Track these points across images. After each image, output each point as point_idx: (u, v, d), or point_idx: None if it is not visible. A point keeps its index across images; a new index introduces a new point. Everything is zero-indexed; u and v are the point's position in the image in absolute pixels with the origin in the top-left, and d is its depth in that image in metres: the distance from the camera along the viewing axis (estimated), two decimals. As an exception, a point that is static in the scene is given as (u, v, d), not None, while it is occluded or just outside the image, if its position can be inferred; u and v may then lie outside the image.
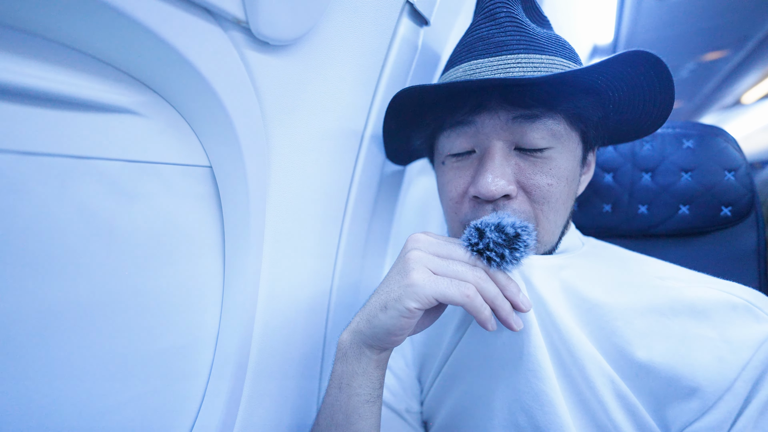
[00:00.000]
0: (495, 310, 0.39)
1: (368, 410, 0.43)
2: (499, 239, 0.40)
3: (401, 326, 0.39)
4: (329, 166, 0.54)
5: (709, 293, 0.43)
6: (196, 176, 0.41)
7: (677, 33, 2.46)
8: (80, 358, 0.34)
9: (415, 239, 0.43)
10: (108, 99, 0.33)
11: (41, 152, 0.30)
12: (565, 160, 0.46)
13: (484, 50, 0.46)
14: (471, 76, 0.45)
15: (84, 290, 0.34)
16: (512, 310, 0.40)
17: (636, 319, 0.44)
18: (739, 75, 3.23)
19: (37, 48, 0.29)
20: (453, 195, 0.50)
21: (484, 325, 0.38)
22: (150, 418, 0.40)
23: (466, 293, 0.37)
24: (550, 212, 0.47)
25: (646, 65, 0.41)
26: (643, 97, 0.46)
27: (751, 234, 0.70)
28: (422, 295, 0.37)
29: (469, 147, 0.48)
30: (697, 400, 0.39)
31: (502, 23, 0.46)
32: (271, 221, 0.46)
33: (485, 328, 0.39)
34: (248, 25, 0.36)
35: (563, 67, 0.44)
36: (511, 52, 0.44)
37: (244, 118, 0.39)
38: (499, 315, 0.39)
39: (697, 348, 0.40)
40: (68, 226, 0.32)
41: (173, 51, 0.32)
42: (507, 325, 0.39)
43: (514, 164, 0.46)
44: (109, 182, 0.34)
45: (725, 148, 0.69)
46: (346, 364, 0.43)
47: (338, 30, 0.46)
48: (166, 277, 0.40)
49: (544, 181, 0.45)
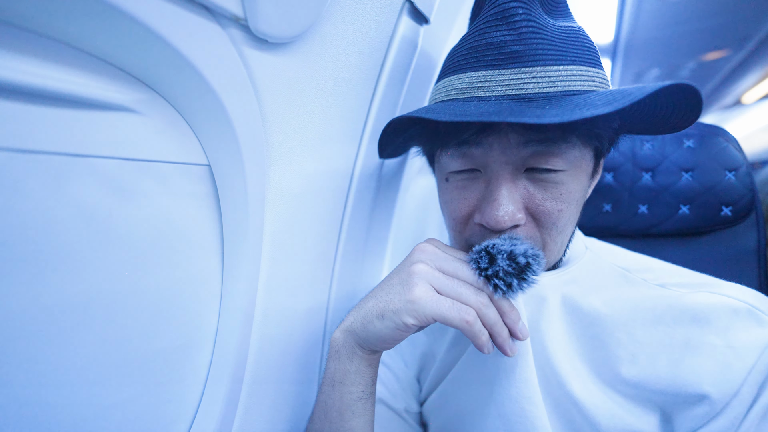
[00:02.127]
0: (492, 335, 0.39)
1: (361, 407, 0.43)
2: (509, 268, 0.38)
3: (395, 337, 0.39)
4: (328, 164, 0.53)
5: (710, 299, 0.42)
6: (195, 175, 0.41)
7: (678, 33, 2.45)
8: (77, 357, 0.34)
9: (421, 250, 0.42)
10: (106, 97, 0.33)
11: (38, 150, 0.30)
12: (577, 182, 0.43)
13: (495, 61, 0.40)
14: (479, 90, 0.41)
15: (81, 289, 0.34)
16: (509, 336, 0.40)
17: (637, 329, 0.44)
18: (740, 75, 3.23)
19: (35, 45, 0.29)
20: (457, 215, 0.46)
21: (480, 349, 0.38)
22: (147, 418, 0.40)
23: (466, 319, 0.37)
24: (557, 235, 0.44)
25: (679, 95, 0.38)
26: (665, 115, 0.43)
27: (751, 234, 0.70)
28: (422, 314, 0.37)
29: (475, 168, 0.44)
30: (705, 406, 0.38)
31: (518, 27, 0.39)
32: (269, 220, 0.46)
33: (481, 352, 0.39)
34: (247, 23, 0.36)
35: (582, 81, 0.40)
36: (526, 64, 0.39)
37: (243, 116, 0.39)
38: (495, 341, 0.39)
39: (701, 355, 0.40)
40: (65, 224, 0.32)
41: (171, 49, 0.31)
42: (502, 351, 0.40)
43: (522, 188, 0.42)
44: (107, 180, 0.34)
45: (726, 147, 0.69)
46: (338, 362, 0.43)
47: (338, 28, 0.46)
48: (164, 276, 0.40)
49: (555, 208, 0.42)
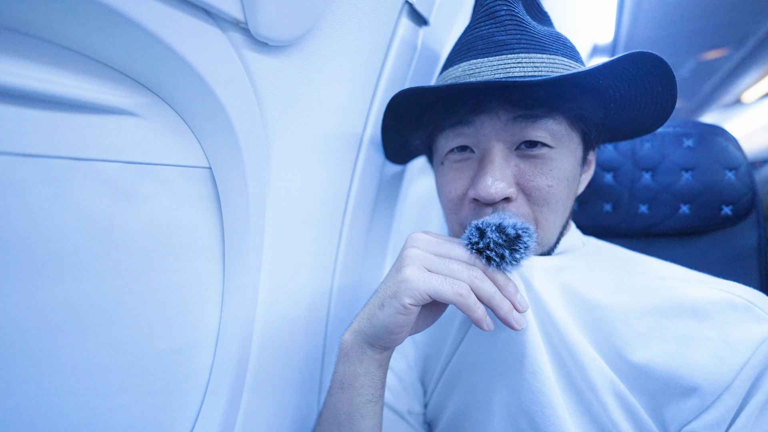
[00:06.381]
0: (493, 309, 0.39)
1: (370, 410, 0.43)
2: (500, 240, 0.40)
3: (399, 323, 0.39)
4: (329, 167, 0.53)
5: (709, 293, 0.43)
6: (196, 177, 0.41)
7: (677, 32, 2.45)
8: (79, 361, 0.34)
9: (414, 238, 0.43)
10: (107, 100, 0.33)
11: (40, 154, 0.30)
12: (566, 161, 0.46)
13: (484, 49, 0.45)
14: (470, 76, 0.45)
15: (83, 292, 0.34)
16: (512, 308, 0.39)
17: (635, 319, 0.44)
18: (740, 74, 3.22)
19: (36, 50, 0.29)
20: (452, 196, 0.50)
21: (478, 324, 0.38)
22: (151, 417, 0.40)
23: (458, 291, 0.37)
24: (549, 214, 0.46)
25: (648, 66, 0.41)
26: (645, 97, 0.46)
27: (751, 233, 0.70)
28: (415, 291, 0.37)
29: (468, 147, 0.48)
30: (696, 399, 0.39)
31: (503, 21, 0.45)
32: (270, 222, 0.46)
33: (480, 328, 0.38)
34: (247, 26, 0.36)
35: (564, 67, 0.44)
36: (512, 51, 0.44)
37: (244, 118, 0.39)
38: (497, 314, 0.39)
39: (696, 348, 0.40)
40: (67, 227, 0.32)
41: (172, 52, 0.32)
42: (507, 324, 0.39)
43: (513, 166, 0.46)
44: (108, 184, 0.34)
45: (726, 147, 0.69)
46: (348, 364, 0.43)
47: (337, 30, 0.46)
48: (165, 279, 0.40)
49: (545, 183, 0.45)
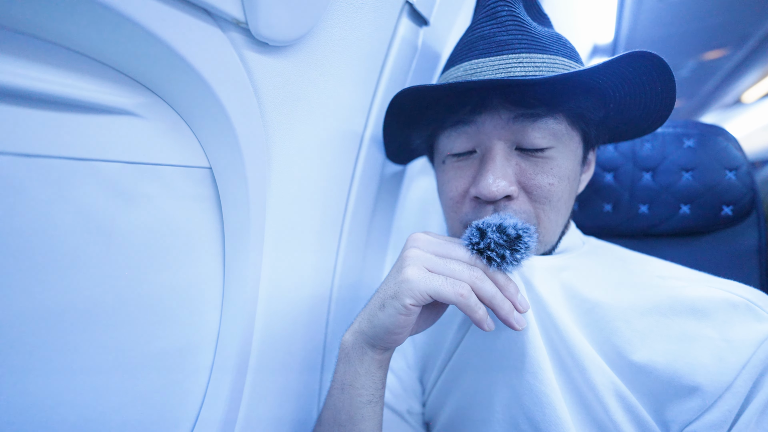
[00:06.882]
0: (494, 309, 0.39)
1: (371, 410, 0.43)
2: (501, 240, 0.40)
3: (400, 324, 0.39)
4: (329, 167, 0.53)
5: (709, 292, 0.42)
6: (196, 177, 0.41)
7: (677, 32, 2.45)
8: (80, 360, 0.34)
9: (414, 238, 0.43)
10: (107, 100, 0.33)
11: (41, 154, 0.30)
12: (566, 160, 0.46)
13: (486, 49, 0.46)
14: (472, 75, 0.45)
15: (84, 292, 0.34)
16: (512, 309, 0.39)
17: (636, 319, 0.44)
18: (740, 74, 3.22)
19: (37, 50, 0.29)
20: (453, 195, 0.50)
21: (479, 325, 0.38)
22: (152, 417, 0.40)
23: (459, 292, 0.37)
24: (551, 212, 0.47)
25: (648, 65, 0.41)
26: (644, 96, 0.46)
27: (752, 233, 0.70)
28: (416, 291, 0.37)
29: (470, 147, 0.48)
30: (697, 399, 0.38)
31: (504, 22, 0.45)
32: (271, 222, 0.46)
33: (481, 329, 0.38)
34: (247, 26, 0.36)
35: (565, 67, 0.44)
36: (513, 51, 0.44)
37: (244, 119, 0.39)
38: (498, 314, 0.39)
39: (697, 347, 0.40)
40: (68, 227, 0.32)
41: (172, 52, 0.32)
42: (508, 324, 0.39)
43: (515, 164, 0.46)
44: (109, 184, 0.34)
45: (726, 147, 0.69)
46: (348, 364, 0.43)
47: (338, 30, 0.46)
48: (167, 279, 0.40)
49: (546, 181, 0.45)
